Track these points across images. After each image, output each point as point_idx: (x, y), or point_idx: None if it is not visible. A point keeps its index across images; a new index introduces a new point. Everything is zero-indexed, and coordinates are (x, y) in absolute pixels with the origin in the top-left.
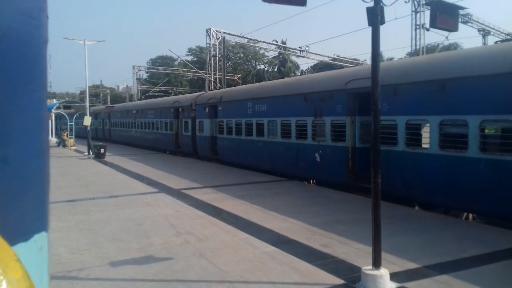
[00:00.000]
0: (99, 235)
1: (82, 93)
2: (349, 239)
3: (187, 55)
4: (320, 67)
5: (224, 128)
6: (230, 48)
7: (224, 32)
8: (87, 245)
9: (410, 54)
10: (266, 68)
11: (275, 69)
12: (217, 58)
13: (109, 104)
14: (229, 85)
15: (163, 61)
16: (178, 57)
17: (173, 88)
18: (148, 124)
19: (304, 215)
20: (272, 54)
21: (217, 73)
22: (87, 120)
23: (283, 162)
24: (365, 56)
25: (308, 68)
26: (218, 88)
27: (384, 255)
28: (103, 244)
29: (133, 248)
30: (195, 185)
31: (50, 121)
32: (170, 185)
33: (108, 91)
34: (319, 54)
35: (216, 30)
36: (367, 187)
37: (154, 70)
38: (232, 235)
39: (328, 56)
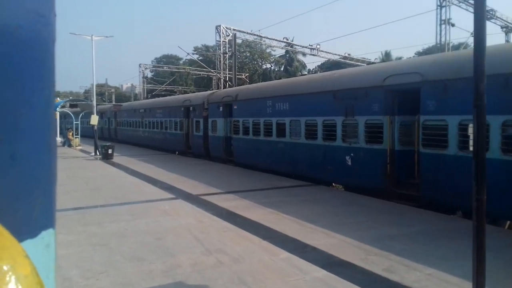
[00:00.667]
0: (116, 253)
1: (87, 92)
2: (413, 261)
3: (193, 53)
4: (328, 66)
5: (240, 128)
6: (236, 47)
7: (234, 29)
8: (103, 266)
9: (419, 54)
10: (272, 68)
11: (281, 69)
12: (227, 56)
13: (113, 103)
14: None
15: (168, 60)
16: (188, 53)
17: (178, 87)
18: (156, 124)
19: (347, 228)
20: (278, 53)
21: (227, 71)
22: (94, 119)
23: (307, 165)
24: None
25: (315, 67)
26: (228, 86)
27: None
28: (122, 265)
29: (158, 270)
30: (214, 190)
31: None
32: (186, 190)
33: (112, 90)
34: (329, 53)
35: (226, 27)
36: (408, 194)
37: (161, 69)
38: (271, 254)
39: (339, 55)
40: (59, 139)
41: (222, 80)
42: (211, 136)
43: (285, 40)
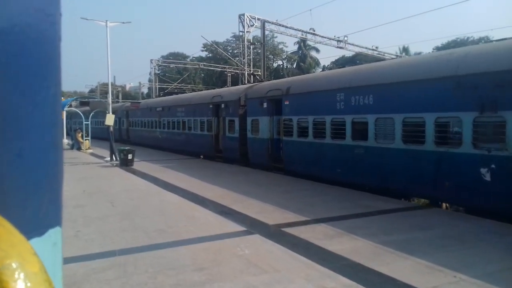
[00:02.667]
0: None
1: (93, 91)
2: None
3: (202, 51)
4: (341, 62)
5: (294, 128)
6: (247, 43)
7: (259, 19)
8: None
9: (437, 48)
10: (285, 65)
11: (294, 65)
12: (251, 48)
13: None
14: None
15: (175, 58)
16: (211, 43)
17: (187, 86)
18: (177, 124)
19: None
20: (291, 49)
21: (251, 65)
22: (110, 119)
23: (406, 178)
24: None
25: (330, 64)
26: (252, 82)
27: None
28: None
29: None
30: (293, 217)
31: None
32: (255, 216)
33: (119, 89)
34: (357, 45)
35: (250, 16)
36: None
37: (173, 65)
38: None
39: (366, 47)
40: (65, 141)
41: (246, 74)
42: (251, 139)
43: (312, 31)
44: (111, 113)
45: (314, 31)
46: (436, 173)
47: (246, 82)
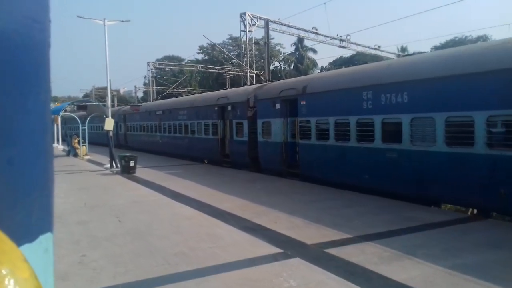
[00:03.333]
0: None
1: (87, 95)
2: None
3: (198, 53)
4: (340, 63)
5: (312, 130)
6: (243, 45)
7: (261, 18)
8: None
9: (436, 48)
10: (282, 66)
11: (291, 67)
12: (253, 48)
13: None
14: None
15: (170, 61)
16: (214, 44)
17: (183, 89)
18: (179, 128)
19: None
20: (288, 51)
21: (254, 66)
22: (109, 124)
23: (450, 185)
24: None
25: (328, 64)
26: (255, 83)
27: None
28: None
29: None
30: (332, 233)
31: (56, 125)
32: (287, 233)
33: (114, 93)
34: (360, 45)
35: (252, 15)
36: None
37: (169, 67)
38: None
39: (368, 47)
40: (60, 147)
41: (249, 75)
42: (262, 142)
43: (314, 30)
44: (110, 117)
45: (316, 30)
46: (488, 179)
47: (248, 83)
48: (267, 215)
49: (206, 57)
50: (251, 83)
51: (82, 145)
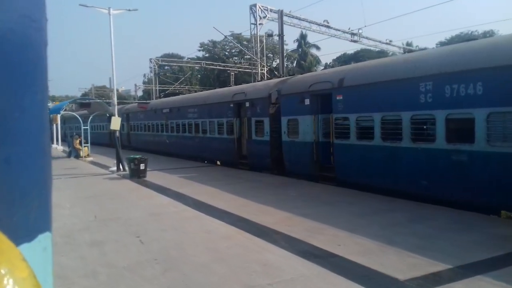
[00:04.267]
0: None
1: (86, 94)
2: None
3: (199, 50)
4: (344, 60)
5: (352, 129)
6: (245, 42)
7: (271, 10)
8: None
9: (441, 44)
10: (285, 63)
11: (294, 64)
12: (264, 41)
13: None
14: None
15: (170, 59)
16: (225, 36)
17: (184, 87)
18: (188, 127)
19: None
20: (291, 47)
21: (265, 61)
22: (116, 123)
23: None
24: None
25: (331, 61)
26: (266, 79)
27: None
28: None
29: None
30: (423, 262)
31: (55, 125)
32: (364, 262)
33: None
34: (371, 39)
35: (262, 7)
36: None
37: (172, 64)
38: None
39: (380, 41)
40: (60, 147)
41: (259, 70)
42: (288, 142)
43: (325, 23)
44: (116, 115)
45: (328, 23)
46: None
47: (259, 79)
48: (321, 233)
49: (207, 55)
50: (261, 80)
51: (84, 146)
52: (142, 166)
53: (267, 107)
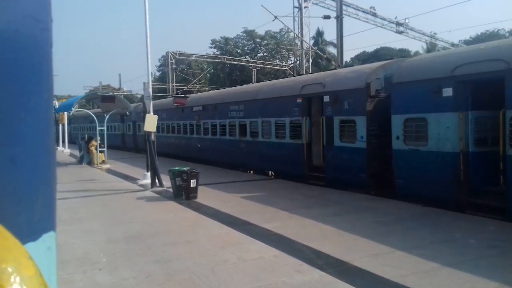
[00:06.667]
0: None
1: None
2: None
3: (210, 47)
4: (364, 59)
5: None
6: (257, 39)
7: None
8: None
9: (466, 42)
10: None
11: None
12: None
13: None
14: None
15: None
16: (275, 17)
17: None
18: (230, 128)
19: None
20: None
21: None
22: (151, 122)
23: None
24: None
25: (350, 60)
26: (295, 74)
27: None
28: None
29: None
30: None
31: (61, 124)
32: None
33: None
34: (417, 31)
35: None
36: None
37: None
38: None
39: (423, 33)
40: (67, 150)
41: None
42: (404, 152)
43: (372, 10)
44: (151, 112)
45: (374, 10)
46: None
47: (294, 74)
48: None
49: (218, 52)
50: (289, 74)
51: (100, 151)
52: (193, 183)
53: (363, 101)
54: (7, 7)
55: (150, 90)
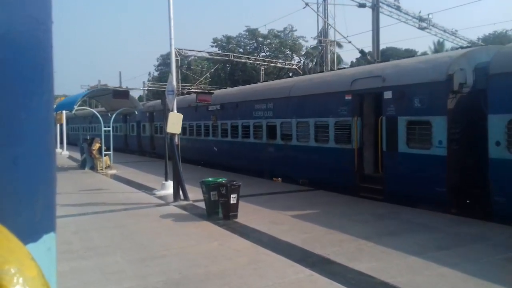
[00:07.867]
0: None
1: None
2: None
3: (211, 46)
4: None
5: None
6: (260, 38)
7: None
8: None
9: (480, 39)
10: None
11: (314, 62)
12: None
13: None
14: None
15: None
16: (307, 4)
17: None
18: (254, 130)
19: None
20: (310, 44)
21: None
22: (175, 122)
23: None
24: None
25: (354, 60)
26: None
27: None
28: None
29: None
30: None
31: (60, 125)
32: None
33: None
34: (439, 28)
35: None
36: None
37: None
38: None
39: (444, 30)
40: (65, 153)
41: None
42: (505, 161)
43: (396, 2)
44: (175, 110)
45: (398, 2)
46: None
47: (311, 72)
48: None
49: (219, 51)
50: (296, 73)
51: (105, 154)
52: (233, 199)
53: (443, 98)
54: (9, 8)
55: (174, 83)
